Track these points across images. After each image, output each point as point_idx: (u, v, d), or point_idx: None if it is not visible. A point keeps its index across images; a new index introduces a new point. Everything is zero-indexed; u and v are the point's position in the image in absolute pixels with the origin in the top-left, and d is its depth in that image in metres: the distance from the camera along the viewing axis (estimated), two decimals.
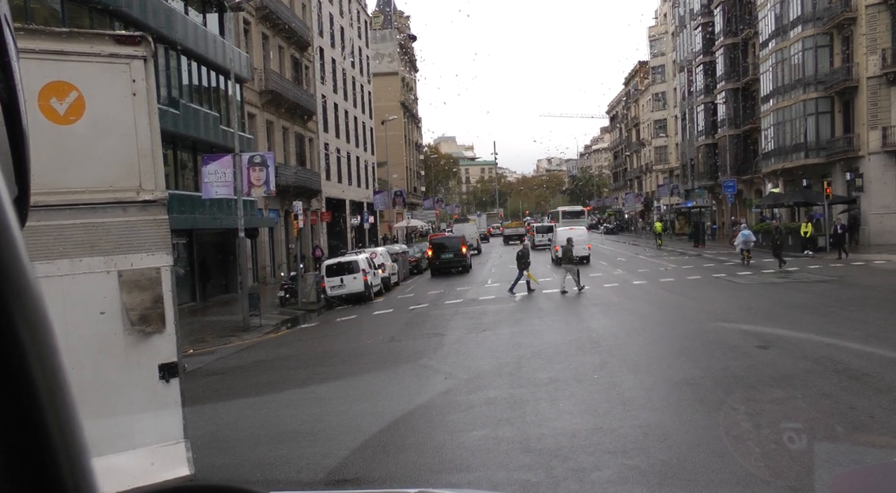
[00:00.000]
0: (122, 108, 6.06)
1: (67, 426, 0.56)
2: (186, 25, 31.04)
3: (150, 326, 6.10)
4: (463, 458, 8.26)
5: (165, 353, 6.26)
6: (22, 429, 0.53)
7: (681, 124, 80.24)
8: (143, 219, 6.12)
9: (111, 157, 6.06)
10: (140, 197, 6.12)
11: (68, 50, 5.96)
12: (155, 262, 6.13)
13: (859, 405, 9.05)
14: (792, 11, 47.06)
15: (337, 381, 13.62)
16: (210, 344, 20.62)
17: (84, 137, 5.94)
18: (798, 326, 15.64)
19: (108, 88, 6.05)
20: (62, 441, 0.55)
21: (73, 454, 0.56)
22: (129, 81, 6.09)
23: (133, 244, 6.06)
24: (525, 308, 22.25)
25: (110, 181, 6.03)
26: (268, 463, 8.48)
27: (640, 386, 11.14)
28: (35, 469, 0.54)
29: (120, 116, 6.06)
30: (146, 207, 6.15)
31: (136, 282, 6.01)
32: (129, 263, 6.02)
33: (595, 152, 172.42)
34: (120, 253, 6.00)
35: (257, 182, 26.70)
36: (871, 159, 41.75)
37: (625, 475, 7.23)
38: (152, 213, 6.19)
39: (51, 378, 0.56)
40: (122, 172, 6.07)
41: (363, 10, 74.37)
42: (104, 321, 5.93)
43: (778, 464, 7.14)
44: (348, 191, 61.05)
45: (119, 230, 6.02)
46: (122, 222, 6.04)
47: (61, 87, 5.79)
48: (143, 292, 6.05)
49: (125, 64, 6.11)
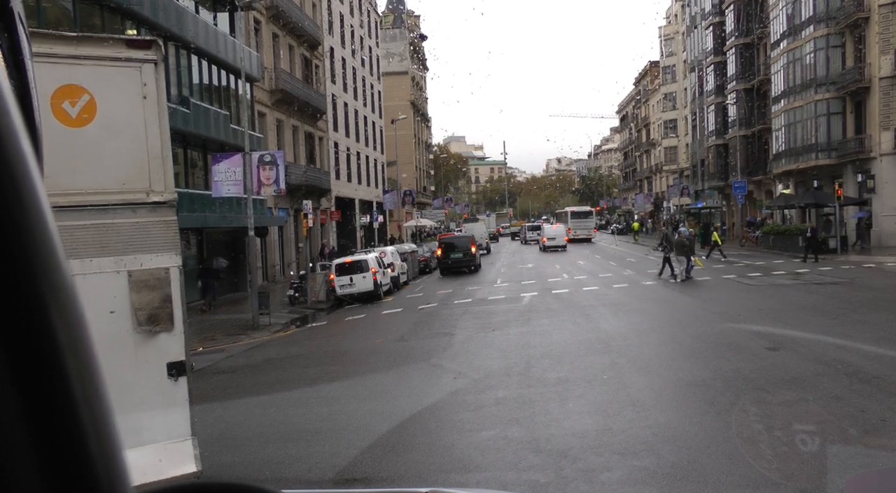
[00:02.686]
0: (133, 110, 6.12)
1: (102, 421, 0.57)
2: (197, 24, 31.11)
3: (158, 325, 6.15)
4: (472, 458, 8.25)
5: (174, 351, 6.30)
6: (57, 423, 0.54)
7: (691, 125, 79.96)
8: (152, 220, 6.18)
9: (121, 159, 6.12)
10: (150, 198, 6.18)
11: (80, 54, 5.99)
12: (164, 262, 6.19)
13: (871, 408, 8.99)
14: (804, 11, 46.81)
15: (346, 380, 13.64)
16: (219, 342, 20.70)
17: (95, 139, 5.98)
18: (808, 327, 15.55)
19: (119, 91, 6.11)
20: (96, 436, 0.56)
21: (107, 448, 0.57)
22: (140, 84, 6.15)
23: (142, 245, 6.11)
24: (534, 308, 22.22)
25: (120, 183, 6.09)
26: (276, 462, 8.50)
27: (650, 387, 11.11)
28: (70, 464, 0.54)
29: (130, 118, 6.12)
30: (156, 208, 6.22)
31: (146, 282, 6.06)
32: (138, 263, 6.07)
33: (605, 152, 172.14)
34: (129, 253, 6.05)
35: (267, 181, 26.76)
36: (882, 161, 41.49)
37: (634, 476, 7.21)
38: (161, 214, 6.25)
39: (86, 374, 0.57)
40: (132, 173, 6.12)
41: (373, 10, 74.43)
42: (114, 320, 5.95)
43: (789, 467, 7.10)
44: (358, 190, 61.10)
45: (129, 231, 6.08)
46: (132, 223, 6.10)
47: (73, 90, 5.82)
48: (152, 292, 6.10)
49: (136, 67, 6.16)
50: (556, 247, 57.30)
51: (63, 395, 0.54)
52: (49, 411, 0.53)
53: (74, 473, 0.54)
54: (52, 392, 0.54)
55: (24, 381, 0.52)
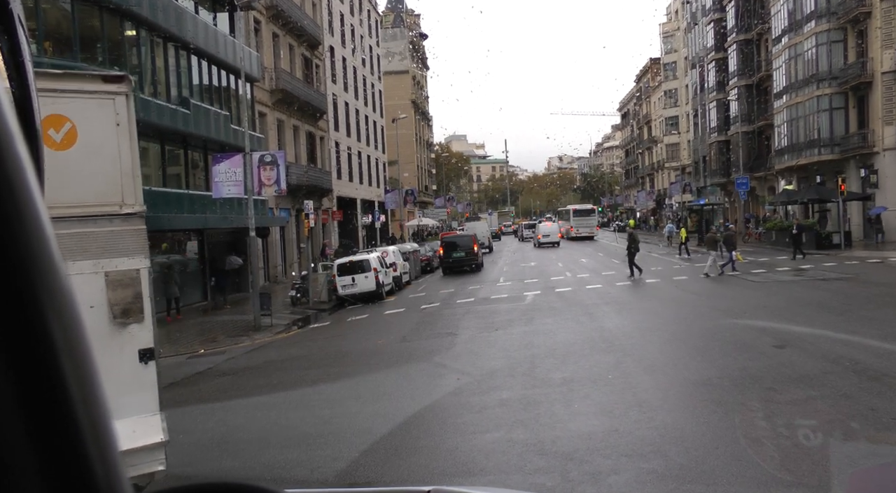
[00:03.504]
0: (108, 136, 7.14)
1: (99, 422, 0.58)
2: (197, 25, 30.96)
3: (131, 318, 7.13)
4: (477, 461, 8.12)
5: (144, 340, 7.22)
6: (55, 424, 0.54)
7: (693, 121, 79.77)
8: (125, 229, 7.19)
9: (99, 177, 7.12)
10: (123, 210, 7.19)
11: (63, 88, 6.99)
12: (135, 264, 7.20)
13: (881, 407, 8.85)
14: (805, 6, 46.63)
15: (348, 382, 13.51)
16: (221, 344, 20.58)
17: (77, 161, 6.91)
18: (814, 324, 15.41)
19: (97, 120, 7.10)
20: (94, 436, 0.56)
21: (104, 449, 0.57)
22: (114, 113, 7.17)
23: (117, 250, 7.10)
24: (537, 307, 22.08)
25: (98, 197, 7.07)
26: (277, 466, 8.37)
27: (656, 387, 10.98)
28: (69, 465, 0.55)
29: (106, 142, 7.13)
30: (128, 218, 7.23)
31: (120, 281, 7.07)
32: (113, 265, 7.06)
33: (607, 150, 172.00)
34: (106, 257, 7.03)
35: (268, 181, 26.64)
36: (886, 155, 41.31)
37: (642, 478, 7.08)
38: (133, 223, 7.27)
39: (82, 375, 0.57)
40: (108, 189, 7.13)
41: (374, 9, 74.28)
42: (93, 314, 6.80)
43: (800, 468, 6.96)
44: (359, 190, 60.97)
45: (105, 238, 7.07)
46: (108, 232, 7.10)
47: (58, 119, 6.78)
48: (125, 290, 7.10)
49: (111, 99, 7.20)
50: (549, 243, 61.38)
51: (60, 396, 0.55)
52: (47, 412, 0.54)
53: (73, 473, 0.55)
54: (49, 394, 0.55)
55: (22, 382, 0.53)
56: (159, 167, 28.87)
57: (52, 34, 24.50)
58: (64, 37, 24.24)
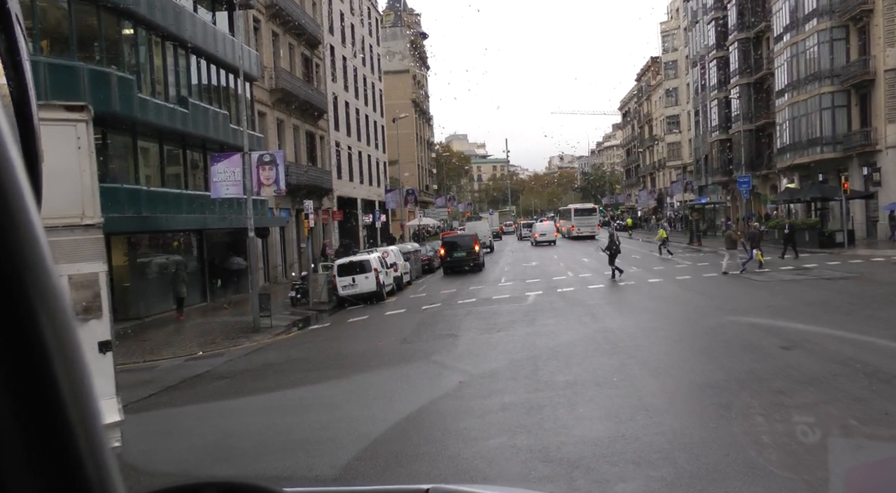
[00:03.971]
0: (71, 157, 8.11)
1: (90, 421, 0.59)
2: (195, 23, 30.71)
3: (91, 314, 8.10)
4: (479, 468, 7.89)
5: (102, 333, 8.19)
6: (47, 424, 0.55)
7: (694, 120, 79.52)
8: (85, 238, 8.21)
9: (63, 193, 7.85)
10: (83, 222, 8.19)
11: None
12: (94, 268, 8.29)
13: (895, 411, 8.62)
14: (807, 4, 46.38)
15: (347, 385, 13.28)
16: (219, 346, 20.34)
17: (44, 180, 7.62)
18: (821, 324, 15.18)
19: (61, 143, 7.94)
20: (85, 436, 0.57)
21: (96, 448, 0.58)
22: (76, 138, 8.21)
23: (78, 256, 8.05)
24: (539, 307, 21.85)
25: (62, 211, 7.88)
26: (273, 475, 8.14)
27: (662, 390, 10.74)
28: (61, 464, 0.55)
29: (69, 163, 8.07)
30: (88, 229, 8.25)
31: (81, 283, 8.10)
32: (76, 269, 8.02)
33: (607, 149, 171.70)
34: (69, 262, 7.88)
35: (267, 181, 26.40)
36: (889, 153, 41.06)
37: (651, 487, 6.85)
38: (92, 233, 8.30)
39: (73, 375, 0.58)
40: (71, 204, 8.03)
41: (374, 8, 74.03)
42: None
43: (815, 477, 6.72)
44: (360, 189, 60.73)
45: (68, 246, 7.95)
46: (71, 240, 8.01)
47: None
48: (86, 290, 8.11)
49: (73, 125, 8.22)
50: (546, 241, 63.14)
51: (52, 396, 0.56)
52: (39, 412, 0.55)
53: (66, 473, 0.56)
54: (41, 394, 0.56)
55: (13, 383, 0.54)
56: (158, 167, 28.65)
57: (50, 33, 24.27)
58: (62, 35, 24.01)
